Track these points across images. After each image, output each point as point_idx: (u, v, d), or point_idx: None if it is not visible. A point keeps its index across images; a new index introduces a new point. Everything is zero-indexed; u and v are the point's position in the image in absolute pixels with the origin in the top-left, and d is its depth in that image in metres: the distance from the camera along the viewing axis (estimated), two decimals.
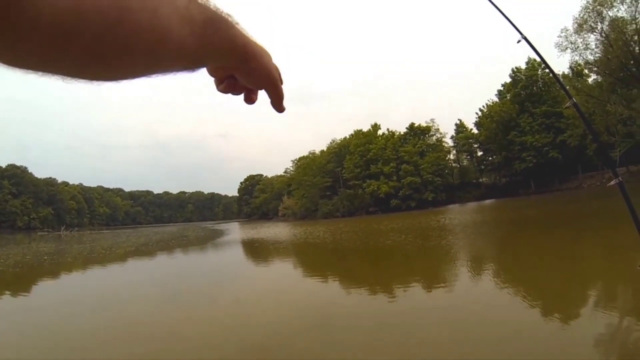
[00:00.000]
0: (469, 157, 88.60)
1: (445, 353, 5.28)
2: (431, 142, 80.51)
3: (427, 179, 72.47)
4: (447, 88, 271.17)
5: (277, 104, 0.66)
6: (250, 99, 0.67)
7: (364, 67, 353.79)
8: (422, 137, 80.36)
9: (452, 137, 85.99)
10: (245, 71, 0.59)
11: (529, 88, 65.70)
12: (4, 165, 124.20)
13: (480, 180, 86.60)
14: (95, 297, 11.94)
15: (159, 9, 0.36)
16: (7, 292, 13.78)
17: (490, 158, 77.34)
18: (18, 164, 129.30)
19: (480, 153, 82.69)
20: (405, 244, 19.34)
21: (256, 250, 25.47)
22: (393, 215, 60.97)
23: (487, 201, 63.83)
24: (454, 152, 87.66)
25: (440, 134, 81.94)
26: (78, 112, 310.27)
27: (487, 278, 9.89)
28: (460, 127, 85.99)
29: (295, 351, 5.99)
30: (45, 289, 14.64)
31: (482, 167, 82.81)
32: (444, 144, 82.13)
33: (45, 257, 26.52)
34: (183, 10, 0.41)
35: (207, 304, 10.01)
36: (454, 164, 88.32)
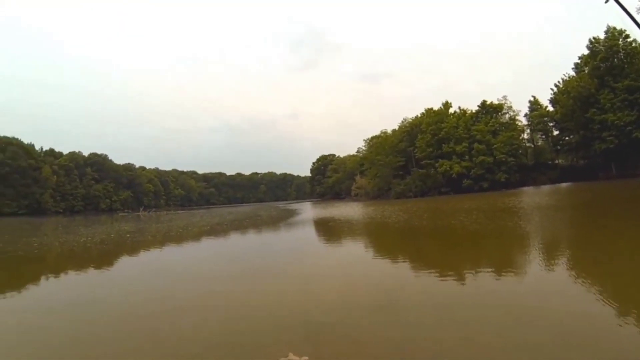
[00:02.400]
0: (543, 136, 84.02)
1: (506, 342, 5.17)
2: (504, 121, 77.90)
3: (500, 159, 71.06)
4: (519, 60, 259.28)
5: None
6: None
7: (428, 44, 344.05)
8: (494, 115, 78.43)
9: (525, 115, 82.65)
10: None
11: (609, 60, 59.59)
12: (86, 154, 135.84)
13: (556, 161, 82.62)
14: (174, 270, 13.02)
15: None
16: (101, 265, 15.12)
17: (566, 138, 72.21)
18: (99, 152, 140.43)
19: (556, 132, 78.16)
20: (477, 226, 19.32)
21: (327, 229, 25.83)
22: (465, 196, 61.59)
23: (563, 184, 60.98)
24: (528, 131, 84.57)
25: (514, 111, 78.75)
26: (150, 99, 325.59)
27: (560, 266, 9.35)
28: (534, 104, 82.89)
29: (357, 329, 6.11)
30: (130, 263, 15.90)
31: (558, 147, 78.01)
32: (517, 122, 78.62)
33: (128, 235, 28.19)
34: None
35: (277, 279, 10.48)
36: (527, 144, 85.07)
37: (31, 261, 17.36)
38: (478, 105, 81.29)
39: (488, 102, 79.71)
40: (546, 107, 79.02)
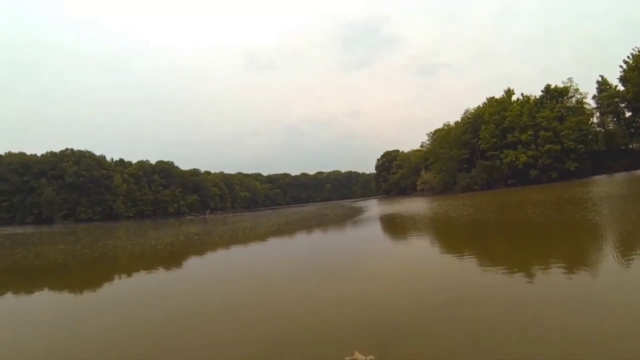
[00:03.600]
0: (615, 119, 75.99)
1: (577, 343, 4.92)
2: (571, 105, 73.79)
3: (568, 147, 67.92)
4: (581, 41, 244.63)
5: None
6: None
7: (484, 30, 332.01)
8: (560, 99, 75.02)
9: (594, 98, 76.37)
10: None
11: None
12: (153, 162, 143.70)
13: (630, 146, 74.96)
14: (241, 271, 13.44)
15: None
16: (170, 266, 16.12)
17: None
18: (165, 159, 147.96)
19: (629, 114, 71.18)
20: (546, 220, 18.75)
21: (393, 226, 25.99)
22: (533, 187, 59.82)
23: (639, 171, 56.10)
24: (598, 114, 77.77)
25: (581, 94, 73.74)
26: (209, 107, 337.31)
27: (636, 262, 8.65)
28: (602, 84, 74.95)
29: (423, 327, 6.10)
30: (197, 264, 16.78)
31: (632, 130, 71.12)
32: (585, 105, 74.74)
33: (196, 237, 29.06)
34: None
35: (343, 278, 10.55)
36: (598, 129, 79.04)
37: (106, 262, 19.19)
38: (542, 90, 78.29)
39: (552, 86, 76.46)
40: (616, 86, 72.23)
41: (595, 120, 78.19)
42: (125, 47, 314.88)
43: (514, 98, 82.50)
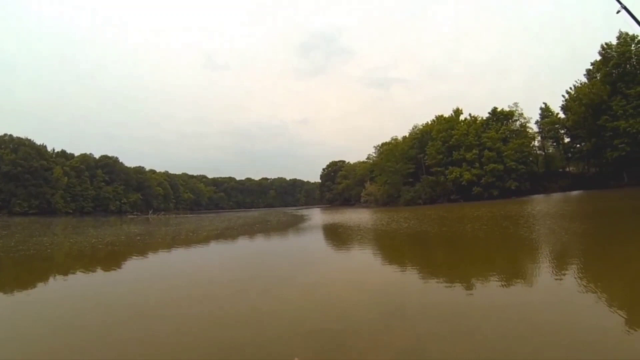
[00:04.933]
0: (555, 144, 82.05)
1: (517, 350, 5.19)
2: (515, 128, 77.39)
3: (510, 167, 70.67)
4: (530, 68, 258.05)
5: None
6: None
7: (439, 48, 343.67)
8: (505, 122, 77.99)
9: (537, 122, 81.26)
10: None
11: (622, 66, 58.24)
12: (97, 156, 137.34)
13: (567, 169, 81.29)
14: (182, 274, 13.08)
15: None
16: (109, 267, 15.53)
17: (578, 145, 70.94)
18: (110, 154, 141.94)
19: (567, 140, 76.76)
20: (485, 234, 19.52)
21: (336, 236, 25.89)
22: (475, 203, 61.17)
23: (574, 192, 60.04)
24: (539, 138, 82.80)
25: (525, 118, 77.76)
26: (161, 104, 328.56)
27: (569, 276, 9.11)
28: (545, 111, 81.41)
29: (362, 336, 6.15)
30: (137, 265, 16.11)
31: (570, 155, 76.30)
32: (528, 129, 77.39)
33: (138, 238, 28.41)
34: None
35: (284, 286, 10.51)
36: (539, 151, 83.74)
37: (42, 260, 17.82)
38: (489, 112, 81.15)
39: (499, 109, 79.50)
40: (557, 114, 76.97)
41: (536, 143, 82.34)
42: (78, 33, 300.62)
43: (462, 117, 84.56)
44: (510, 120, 78.53)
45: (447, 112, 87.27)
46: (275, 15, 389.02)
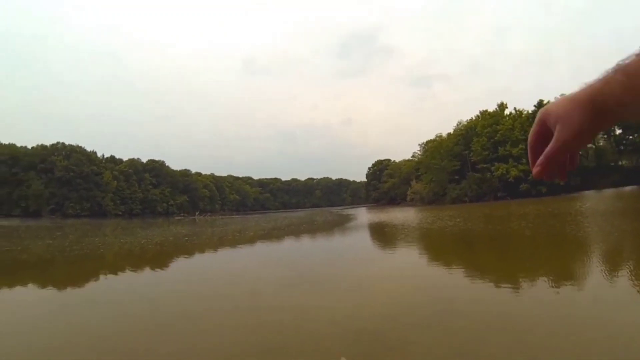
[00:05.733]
0: (606, 136, 76.58)
1: (563, 353, 4.93)
2: None
3: None
4: (575, 57, 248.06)
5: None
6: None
7: (479, 42, 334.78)
8: None
9: None
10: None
11: None
12: (144, 160, 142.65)
13: (620, 163, 76.74)
14: (228, 274, 13.35)
15: None
16: (157, 266, 15.75)
17: (631, 137, 68.39)
18: (156, 158, 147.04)
19: (619, 131, 72.24)
20: (532, 232, 19.03)
21: (382, 234, 25.59)
22: (522, 200, 59.83)
23: (628, 188, 57.60)
24: None
25: None
26: (205, 110, 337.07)
27: (621, 278, 8.70)
28: None
29: (410, 337, 6.00)
30: (185, 264, 16.49)
31: (622, 147, 73.41)
32: None
33: (185, 238, 28.50)
34: None
35: (330, 285, 10.41)
36: (588, 145, 76.22)
37: (94, 258, 18.59)
38: (534, 105, 78.20)
39: (545, 102, 76.79)
40: None
41: None
42: (122, 44, 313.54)
43: (506, 112, 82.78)
44: None
45: (492, 107, 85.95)
46: (312, 17, 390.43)
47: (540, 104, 76.81)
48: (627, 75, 0.49)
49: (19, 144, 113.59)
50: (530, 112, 78.75)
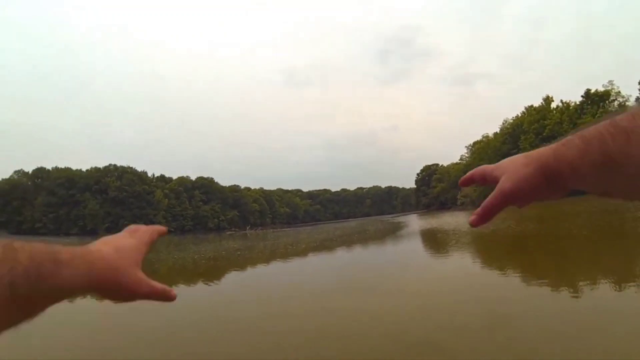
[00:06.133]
0: None
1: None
2: (613, 109, 67.39)
3: None
4: (618, 41, 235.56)
5: (165, 300, 0.67)
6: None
7: (517, 35, 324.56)
8: (601, 104, 71.92)
9: (637, 100, 68.87)
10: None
11: None
12: (193, 178, 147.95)
13: None
14: (281, 286, 13.47)
15: None
16: (210, 279, 16.43)
17: None
18: (205, 175, 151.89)
19: None
20: (588, 231, 18.67)
21: (434, 241, 25.85)
22: (576, 198, 57.21)
23: None
24: None
25: (623, 97, 71.71)
26: (249, 125, 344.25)
27: None
28: None
29: (465, 347, 5.83)
30: (237, 278, 17.11)
31: None
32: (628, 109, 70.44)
33: (238, 252, 29.15)
34: None
35: (383, 294, 10.33)
36: None
37: (149, 274, 19.66)
38: (582, 96, 75.77)
39: (592, 91, 73.88)
40: None
41: None
42: (161, 60, 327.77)
43: (553, 105, 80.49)
44: (607, 102, 72.48)
45: (537, 101, 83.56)
46: (351, 23, 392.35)
47: (587, 94, 74.05)
48: (583, 139, 0.48)
49: (74, 167, 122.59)
50: (577, 103, 75.87)
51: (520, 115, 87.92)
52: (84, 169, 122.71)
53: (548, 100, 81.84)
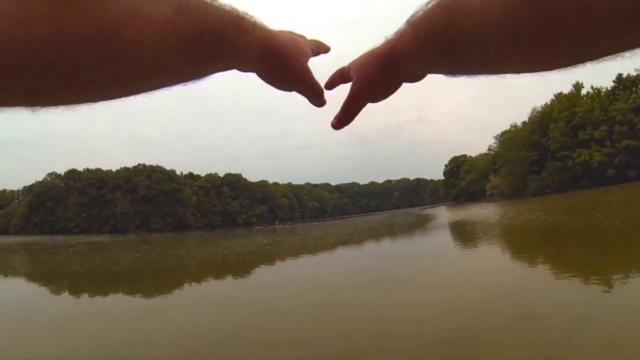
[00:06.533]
0: None
1: None
2: None
3: None
4: None
5: (315, 101, 0.71)
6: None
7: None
8: (634, 89, 69.35)
9: None
10: (264, 72, 0.60)
11: None
12: (221, 174, 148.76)
13: None
14: (310, 280, 13.45)
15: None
16: (239, 274, 16.52)
17: None
18: (233, 172, 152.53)
19: None
20: (622, 223, 18.02)
21: (462, 234, 25.56)
22: (610, 188, 55.90)
23: None
24: None
25: None
26: (275, 121, 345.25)
27: None
28: None
29: (495, 342, 5.76)
30: (267, 271, 17.41)
31: None
32: None
33: (267, 247, 28.82)
34: None
35: (410, 288, 10.32)
36: None
37: (181, 269, 20.04)
38: (613, 81, 73.02)
39: (625, 76, 71.02)
40: None
41: None
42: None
43: (583, 92, 77.71)
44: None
45: (566, 89, 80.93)
46: (371, 13, 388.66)
47: (619, 79, 71.55)
48: (413, 25, 0.48)
49: (104, 168, 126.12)
50: (609, 89, 73.36)
51: (549, 103, 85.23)
52: (113, 169, 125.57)
53: (578, 86, 79.02)
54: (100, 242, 62.86)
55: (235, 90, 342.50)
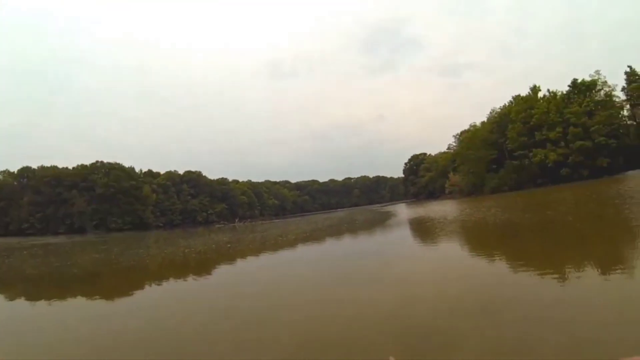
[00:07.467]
0: None
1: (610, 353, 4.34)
2: (599, 99, 70.69)
3: (599, 142, 65.73)
4: (607, 31, 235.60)
5: None
6: None
7: (505, 25, 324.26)
8: (588, 93, 71.95)
9: (623, 90, 72.30)
10: None
11: None
12: (181, 172, 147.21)
13: None
14: (272, 277, 13.61)
15: None
16: (200, 273, 16.77)
17: None
18: (193, 169, 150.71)
19: None
20: (574, 218, 18.87)
21: (422, 230, 25.54)
22: (563, 186, 58.74)
23: None
24: (628, 106, 73.09)
25: (609, 87, 70.62)
26: (236, 118, 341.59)
27: None
28: (631, 75, 70.88)
29: (456, 332, 5.94)
30: (229, 270, 17.33)
31: None
32: (614, 98, 71.38)
33: (228, 245, 29.33)
34: None
35: (374, 284, 10.37)
36: (629, 122, 73.88)
37: (140, 269, 19.91)
38: (568, 85, 75.81)
39: (579, 81, 74.01)
40: None
41: (625, 113, 74.71)
42: (144, 54, 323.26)
43: (540, 95, 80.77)
44: (593, 91, 72.19)
45: (524, 91, 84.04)
46: (336, 11, 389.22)
47: (574, 84, 74.68)
48: None
49: (60, 165, 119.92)
50: (564, 93, 76.31)
51: (507, 104, 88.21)
52: (70, 167, 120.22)
53: (535, 89, 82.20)
54: (56, 243, 61.86)
55: (194, 88, 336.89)
